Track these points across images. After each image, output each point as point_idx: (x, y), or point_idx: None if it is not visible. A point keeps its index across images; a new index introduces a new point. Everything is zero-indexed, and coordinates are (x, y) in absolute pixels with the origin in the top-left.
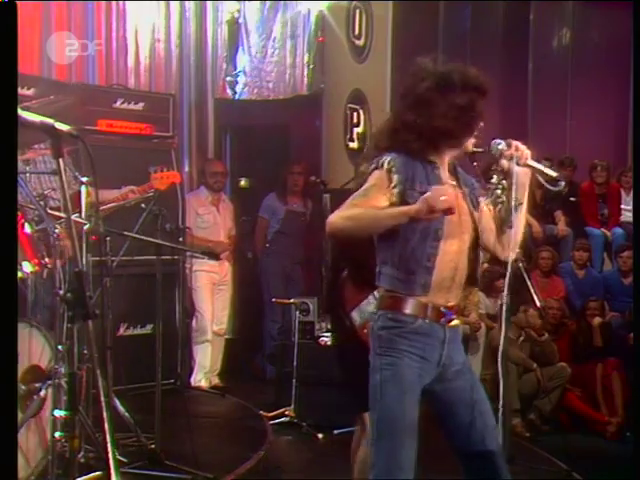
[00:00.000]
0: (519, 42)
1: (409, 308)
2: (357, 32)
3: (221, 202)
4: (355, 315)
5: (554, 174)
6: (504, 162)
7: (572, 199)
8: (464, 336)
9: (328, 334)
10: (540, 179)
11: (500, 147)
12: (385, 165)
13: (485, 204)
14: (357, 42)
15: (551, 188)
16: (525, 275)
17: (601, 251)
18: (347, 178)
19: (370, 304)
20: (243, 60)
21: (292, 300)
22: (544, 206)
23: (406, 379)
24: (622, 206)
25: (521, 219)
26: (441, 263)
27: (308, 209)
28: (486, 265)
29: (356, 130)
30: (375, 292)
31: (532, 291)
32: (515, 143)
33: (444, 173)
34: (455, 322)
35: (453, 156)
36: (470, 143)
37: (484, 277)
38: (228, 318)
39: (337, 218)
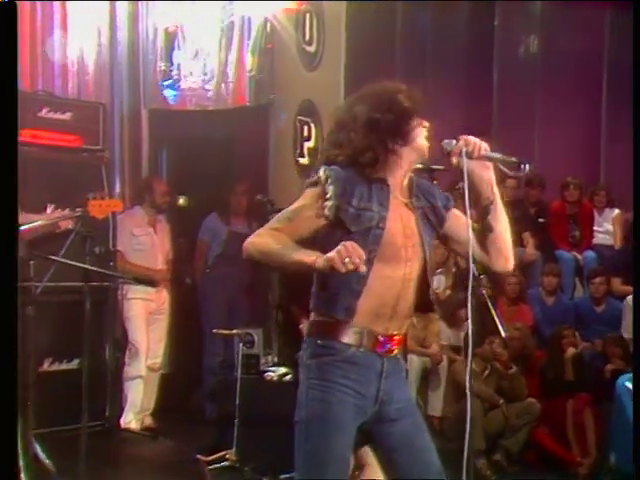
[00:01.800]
0: (483, 48)
1: (341, 334)
2: (308, 38)
3: (158, 222)
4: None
5: (514, 159)
6: (453, 159)
7: (541, 220)
8: (424, 370)
9: (275, 368)
10: (503, 169)
11: (451, 146)
12: (321, 175)
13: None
14: (308, 48)
15: (517, 174)
16: (490, 303)
17: (572, 276)
18: (296, 196)
19: None
20: (181, 67)
21: (235, 331)
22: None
23: (337, 417)
24: (594, 227)
25: (500, 219)
26: (378, 288)
27: (253, 231)
28: (448, 292)
29: (307, 145)
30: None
31: (497, 320)
32: (465, 137)
33: (396, 190)
34: (396, 353)
35: (409, 171)
36: (424, 145)
37: (446, 305)
38: (164, 351)
39: (252, 246)
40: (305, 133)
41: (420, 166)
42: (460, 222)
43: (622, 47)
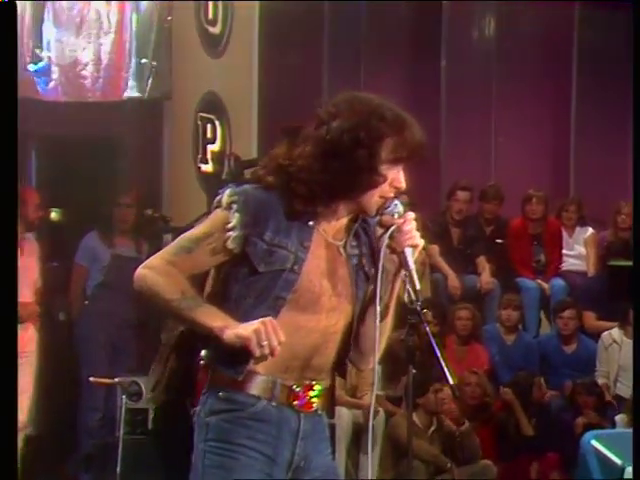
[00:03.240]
0: (429, 31)
1: (248, 385)
2: (211, 16)
3: (25, 242)
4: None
5: (418, 287)
6: (377, 227)
7: (499, 241)
8: (356, 426)
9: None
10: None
11: (391, 210)
12: (224, 199)
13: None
14: (211, 29)
15: (404, 300)
16: (435, 343)
17: (536, 309)
18: (198, 212)
19: None
20: (52, 49)
21: (117, 379)
22: (463, 250)
23: None
24: (564, 250)
25: (385, 328)
26: (288, 339)
27: (143, 254)
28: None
29: (210, 148)
30: None
31: (443, 363)
32: (408, 219)
33: (326, 228)
34: (317, 408)
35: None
36: (374, 203)
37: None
38: (29, 405)
39: (144, 281)
40: (208, 134)
41: None
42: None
43: (595, 30)
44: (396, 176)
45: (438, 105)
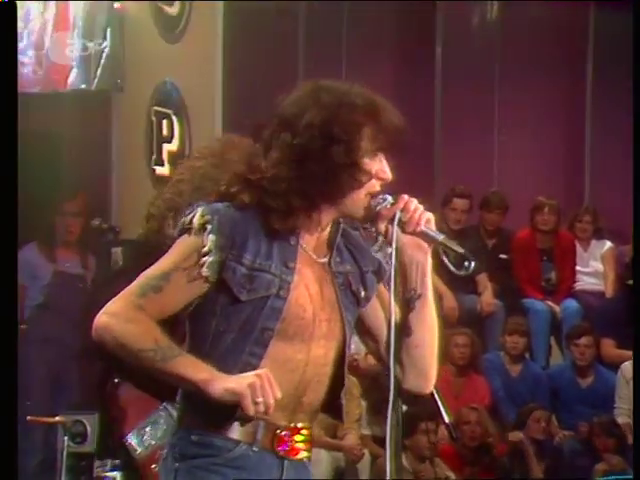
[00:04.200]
0: (422, 14)
1: (227, 426)
2: None
3: None
4: (133, 441)
5: (460, 249)
6: (380, 225)
7: (503, 256)
8: (337, 471)
9: (116, 473)
10: (443, 256)
11: (385, 204)
12: (196, 220)
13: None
14: (168, 9)
15: (454, 271)
16: None
17: (546, 335)
18: None
19: (160, 423)
20: None
21: (59, 417)
22: None
23: None
24: (578, 267)
25: (425, 321)
26: (274, 373)
27: (89, 270)
28: (372, 360)
29: (167, 147)
30: (169, 405)
31: (437, 397)
32: (405, 198)
33: (310, 244)
34: (303, 454)
35: (332, 221)
36: (361, 203)
37: (368, 378)
38: None
39: (108, 331)
40: (164, 131)
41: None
42: (378, 307)
43: (611, 16)
44: (380, 167)
45: (431, 99)
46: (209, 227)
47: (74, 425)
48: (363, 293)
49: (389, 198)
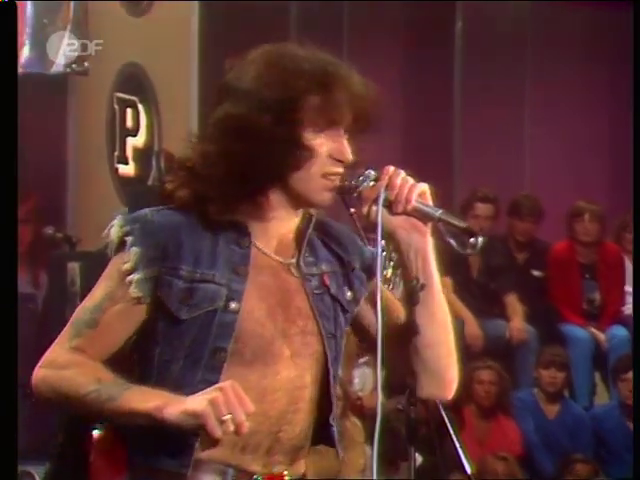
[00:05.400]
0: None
1: (192, 478)
2: None
3: None
4: None
5: (462, 223)
6: (364, 207)
7: (536, 273)
8: None
9: None
10: (445, 235)
11: (366, 183)
12: (114, 232)
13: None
14: None
15: (459, 250)
16: (445, 415)
17: (589, 369)
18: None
19: None
20: None
21: None
22: (485, 285)
23: None
24: (626, 287)
25: (434, 316)
26: None
27: (40, 289)
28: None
29: (132, 142)
30: None
31: (457, 445)
32: (390, 171)
33: (267, 242)
34: None
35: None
36: (316, 185)
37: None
38: None
39: (46, 384)
40: (129, 122)
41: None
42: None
43: None
44: (334, 146)
45: (450, 86)
46: (130, 239)
47: (22, 477)
48: (349, 294)
49: (371, 173)
